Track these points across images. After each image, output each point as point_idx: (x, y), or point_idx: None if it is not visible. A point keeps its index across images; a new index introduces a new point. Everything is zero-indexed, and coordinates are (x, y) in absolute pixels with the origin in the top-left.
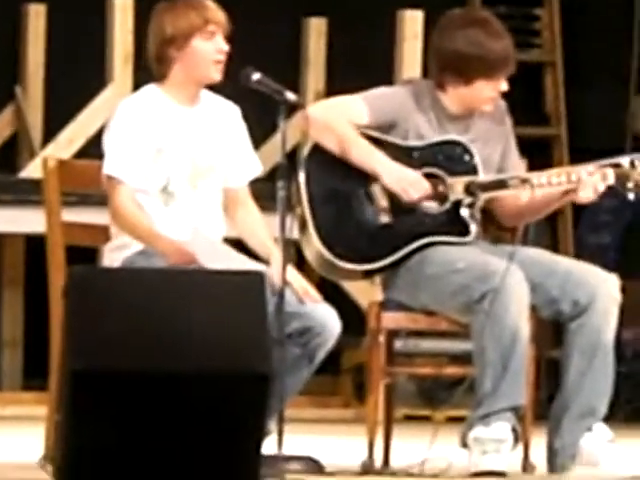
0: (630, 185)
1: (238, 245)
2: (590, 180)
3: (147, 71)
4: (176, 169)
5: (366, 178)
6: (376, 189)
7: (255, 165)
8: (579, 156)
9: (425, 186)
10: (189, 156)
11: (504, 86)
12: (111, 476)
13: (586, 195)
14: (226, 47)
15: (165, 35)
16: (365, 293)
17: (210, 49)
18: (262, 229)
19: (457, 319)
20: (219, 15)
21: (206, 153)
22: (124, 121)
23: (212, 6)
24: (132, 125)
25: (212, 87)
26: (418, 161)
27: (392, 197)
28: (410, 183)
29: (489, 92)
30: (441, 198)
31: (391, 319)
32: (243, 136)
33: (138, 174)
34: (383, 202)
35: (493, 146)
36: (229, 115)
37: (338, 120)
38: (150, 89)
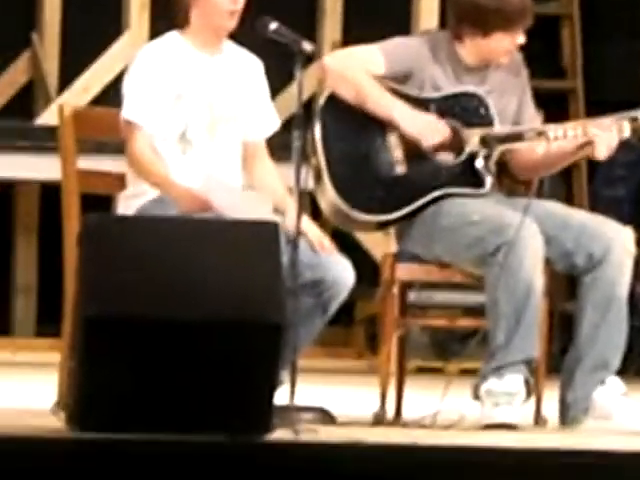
0: None
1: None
2: (606, 134)
3: (163, 19)
4: (195, 116)
5: (382, 129)
6: (392, 139)
7: (274, 120)
8: (595, 109)
9: (443, 130)
10: (208, 104)
11: (521, 39)
12: (123, 422)
13: (601, 151)
14: None
15: None
16: (379, 244)
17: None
18: (278, 183)
19: (471, 271)
20: None
21: (225, 102)
22: (144, 66)
23: None
24: (152, 71)
25: (233, 37)
26: (434, 112)
27: (408, 148)
28: (429, 128)
29: (506, 44)
30: (457, 150)
31: (405, 270)
32: (264, 91)
33: (157, 120)
34: (399, 153)
35: (509, 98)
36: (251, 68)
37: (355, 69)
38: (172, 36)
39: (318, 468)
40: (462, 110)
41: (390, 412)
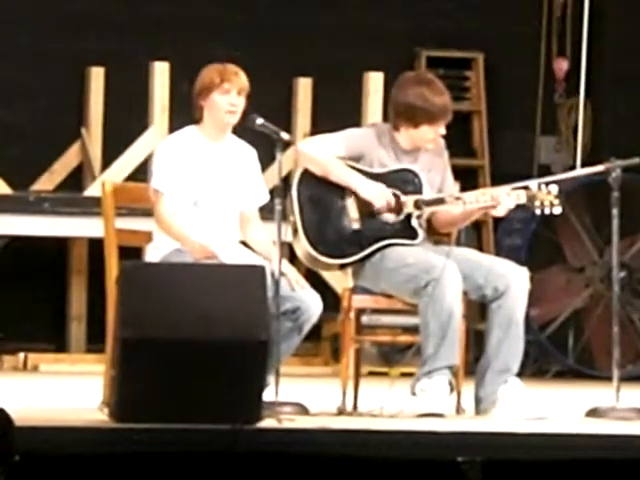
0: (537, 204)
1: (245, 247)
2: (507, 199)
3: (179, 118)
4: (204, 189)
5: (342, 196)
6: (349, 204)
7: (264, 194)
8: (498, 181)
9: (388, 196)
10: (214, 181)
11: (442, 130)
12: (150, 415)
13: (501, 212)
14: (237, 101)
15: (197, 89)
16: (340, 281)
17: (224, 102)
18: (265, 237)
19: (408, 301)
20: (234, 77)
21: (227, 180)
22: (169, 150)
23: (232, 70)
24: (174, 153)
25: (233, 129)
26: (381, 183)
27: (362, 210)
28: (378, 194)
29: (431, 135)
30: (397, 211)
31: (359, 300)
32: (256, 171)
33: (177, 190)
34: (354, 213)
35: (435, 173)
36: (248, 155)
37: (321, 152)
38: (189, 129)
39: (296, 447)
40: (401, 182)
41: (349, 405)
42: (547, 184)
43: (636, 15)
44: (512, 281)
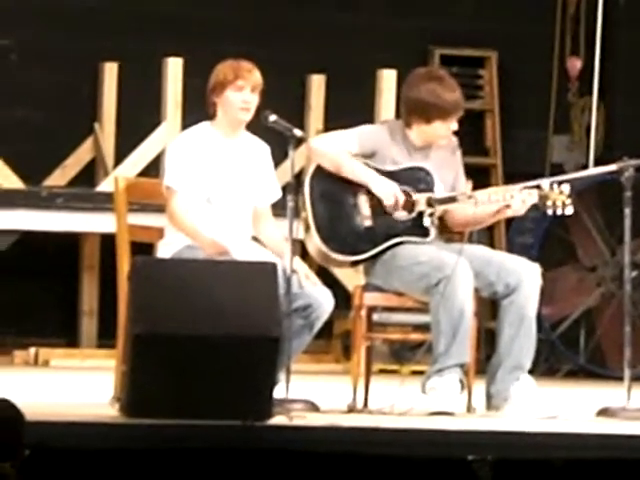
0: (549, 203)
1: (258, 242)
2: (520, 199)
3: (191, 114)
4: (217, 186)
5: (354, 193)
6: (362, 201)
7: (276, 191)
8: (510, 179)
9: (399, 194)
10: (228, 177)
11: (454, 126)
12: (161, 411)
13: (516, 210)
14: (251, 98)
15: (211, 85)
16: (351, 278)
17: (238, 99)
18: (277, 234)
19: (419, 298)
20: (248, 74)
21: (240, 177)
22: (182, 146)
23: (246, 66)
24: (188, 150)
25: (246, 126)
26: (393, 181)
27: (373, 207)
28: (390, 192)
29: (443, 130)
30: (409, 208)
31: (370, 298)
32: (269, 168)
33: (190, 186)
34: (366, 211)
35: (447, 171)
36: (261, 151)
37: (333, 148)
38: (203, 125)
39: (306, 445)
40: (413, 180)
41: (360, 403)
42: (559, 184)
43: None
44: (524, 277)
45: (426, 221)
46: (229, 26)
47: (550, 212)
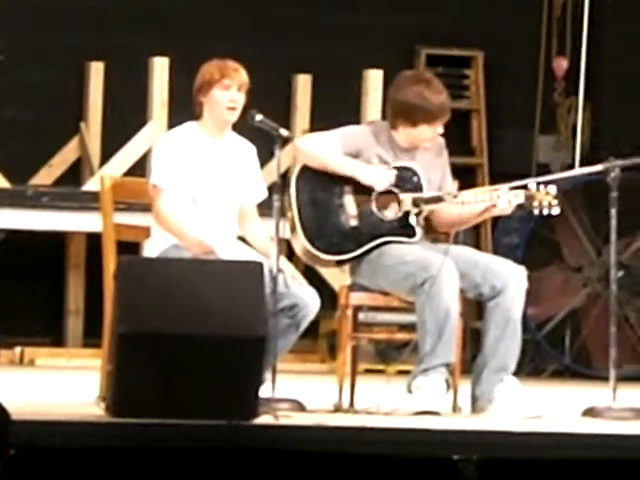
0: (535, 204)
1: (244, 243)
2: (506, 198)
3: (177, 114)
4: (203, 185)
5: (340, 192)
6: (347, 200)
7: (262, 191)
8: (497, 179)
9: (390, 176)
10: (213, 177)
11: (440, 129)
12: (147, 410)
13: (503, 209)
14: (237, 97)
15: (197, 85)
16: (337, 278)
17: (224, 98)
18: (263, 233)
19: (405, 298)
20: (234, 73)
21: (226, 177)
22: (168, 146)
23: (232, 66)
24: (174, 149)
25: (232, 126)
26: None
27: (359, 207)
28: (379, 176)
29: (429, 134)
30: (395, 208)
31: (356, 298)
32: (255, 169)
33: (176, 186)
34: (352, 210)
35: (434, 171)
36: (247, 152)
37: (318, 147)
38: (189, 125)
39: (292, 444)
40: (400, 179)
41: (345, 402)
42: (546, 184)
43: (636, 15)
44: (509, 279)
45: (412, 221)
46: (215, 25)
47: (536, 212)
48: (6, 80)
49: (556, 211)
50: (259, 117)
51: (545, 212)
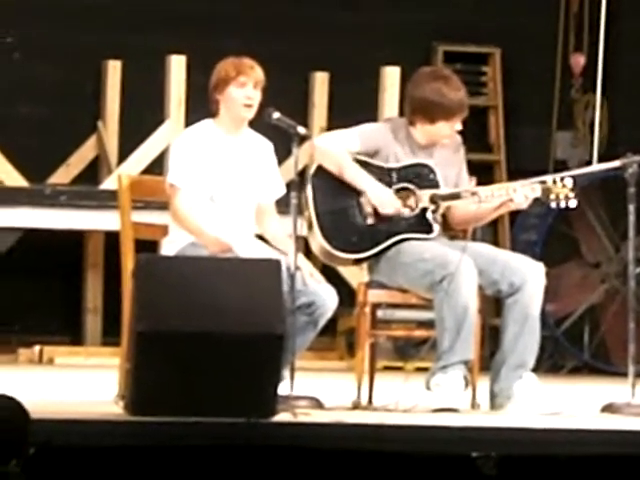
0: (552, 197)
1: (262, 240)
2: (522, 193)
3: (195, 112)
4: (221, 183)
5: (357, 191)
6: (364, 199)
7: (280, 187)
8: (514, 176)
9: (396, 204)
10: (231, 174)
11: (458, 126)
12: (165, 408)
13: (519, 203)
14: (253, 94)
15: (213, 82)
16: (355, 276)
17: (240, 95)
18: (281, 231)
19: (423, 295)
20: (250, 70)
21: (244, 174)
22: (186, 144)
23: (248, 63)
24: (191, 147)
25: (251, 124)
26: (396, 178)
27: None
28: (385, 201)
29: (447, 130)
30: (413, 205)
31: (374, 295)
32: (273, 165)
33: (193, 184)
34: (369, 208)
35: (451, 168)
36: (264, 148)
37: (336, 148)
38: (206, 122)
39: (311, 441)
40: (417, 176)
41: (364, 400)
42: (562, 178)
43: None
44: (528, 276)
45: (429, 217)
46: (232, 23)
47: (554, 205)
48: (24, 78)
49: (573, 204)
50: (276, 115)
51: (562, 205)
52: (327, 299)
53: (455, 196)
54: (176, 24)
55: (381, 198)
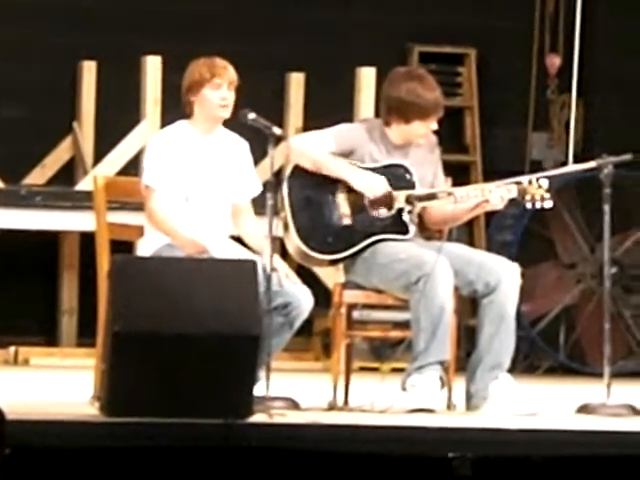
0: (528, 197)
1: (238, 241)
2: (498, 194)
3: (171, 112)
4: (196, 183)
5: (333, 191)
6: (340, 199)
7: (256, 186)
8: (490, 177)
9: (382, 184)
10: (206, 174)
11: (434, 126)
12: (141, 409)
13: (495, 204)
14: (228, 95)
15: (186, 85)
16: (331, 276)
17: (215, 97)
18: (257, 231)
19: (399, 296)
20: (224, 71)
21: (219, 173)
22: (160, 145)
23: (221, 64)
24: (166, 149)
25: (225, 124)
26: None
27: (352, 205)
28: (371, 183)
29: (423, 130)
30: (388, 206)
31: (350, 296)
32: (249, 163)
33: (168, 185)
34: (345, 209)
35: (427, 169)
36: (239, 147)
37: (312, 147)
38: (181, 123)
39: (287, 442)
40: (392, 177)
41: (340, 400)
42: (538, 179)
43: (628, 11)
44: (503, 277)
45: (405, 218)
46: (208, 24)
47: (529, 206)
48: None
49: (549, 204)
50: (252, 116)
51: (538, 205)
52: (303, 300)
53: (431, 196)
54: (151, 25)
55: (367, 182)
